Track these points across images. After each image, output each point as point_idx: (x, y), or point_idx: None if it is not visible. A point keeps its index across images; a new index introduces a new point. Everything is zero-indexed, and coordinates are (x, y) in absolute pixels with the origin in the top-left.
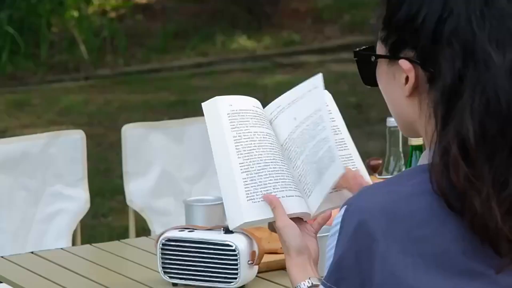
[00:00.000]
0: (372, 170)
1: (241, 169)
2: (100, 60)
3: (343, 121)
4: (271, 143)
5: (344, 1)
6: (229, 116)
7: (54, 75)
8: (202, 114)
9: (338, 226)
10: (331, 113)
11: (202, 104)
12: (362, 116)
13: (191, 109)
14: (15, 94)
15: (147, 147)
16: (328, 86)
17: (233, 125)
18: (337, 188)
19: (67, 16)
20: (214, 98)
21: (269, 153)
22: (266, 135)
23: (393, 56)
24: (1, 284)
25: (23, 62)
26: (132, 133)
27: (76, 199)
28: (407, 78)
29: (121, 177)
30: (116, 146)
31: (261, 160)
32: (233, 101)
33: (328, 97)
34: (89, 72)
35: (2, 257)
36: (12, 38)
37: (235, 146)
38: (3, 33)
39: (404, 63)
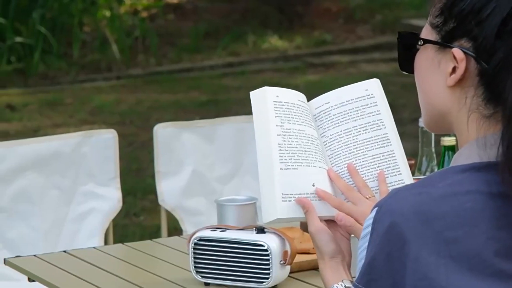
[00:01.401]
0: None
1: (280, 164)
2: (131, 60)
3: (390, 112)
4: (312, 143)
5: (376, 1)
6: (275, 106)
7: (86, 74)
8: (233, 114)
9: (370, 228)
10: (376, 105)
11: (251, 92)
12: (394, 116)
13: (222, 108)
14: (47, 94)
15: (178, 146)
16: None
17: (278, 113)
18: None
19: (99, 15)
20: (263, 87)
21: (308, 152)
22: (308, 134)
23: (445, 44)
24: (34, 282)
25: (55, 61)
26: (164, 133)
27: (108, 198)
28: (454, 69)
29: (152, 176)
30: (147, 146)
31: (300, 157)
32: (280, 93)
33: (376, 85)
34: (120, 71)
35: (34, 255)
36: (45, 38)
37: (277, 136)
38: (36, 32)
39: (457, 52)
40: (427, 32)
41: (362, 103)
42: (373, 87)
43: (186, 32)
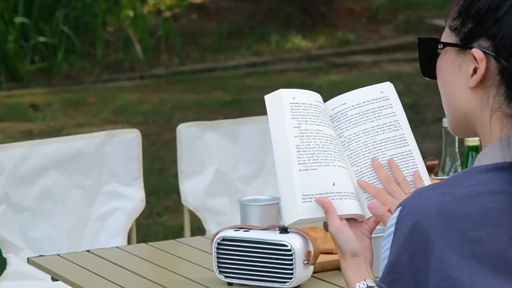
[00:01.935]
0: (428, 170)
1: (299, 165)
2: (155, 60)
3: (404, 114)
4: (330, 142)
5: (399, 1)
6: (291, 108)
7: (109, 74)
8: (256, 114)
9: (393, 228)
10: (392, 107)
11: (265, 96)
12: (418, 117)
13: (245, 108)
14: (70, 93)
15: (202, 146)
16: None
17: (294, 115)
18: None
19: (122, 15)
20: (277, 90)
21: (327, 152)
22: (327, 134)
23: (465, 45)
24: (57, 282)
25: (79, 61)
26: (187, 133)
27: (132, 198)
28: (475, 69)
29: (175, 176)
30: (170, 145)
31: (318, 157)
32: (296, 94)
33: (390, 88)
34: (144, 71)
35: (58, 255)
36: (68, 38)
37: (295, 138)
38: (59, 32)
39: (477, 52)
40: (446, 36)
41: (378, 105)
42: (388, 89)
43: (209, 32)
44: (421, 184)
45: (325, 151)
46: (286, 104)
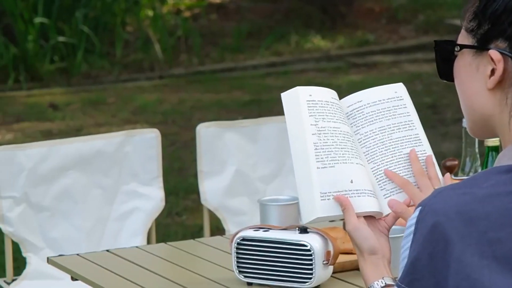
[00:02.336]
0: (447, 171)
1: (317, 163)
2: (174, 59)
3: (417, 115)
4: (347, 140)
5: (419, 1)
6: (308, 105)
7: (128, 74)
8: (276, 114)
9: (413, 228)
10: (406, 107)
11: (282, 94)
12: (437, 117)
13: (264, 108)
14: (90, 93)
15: (221, 146)
16: None
17: (312, 112)
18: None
19: (142, 15)
20: (294, 88)
21: (344, 149)
22: (344, 131)
23: (482, 47)
24: (77, 281)
25: (98, 61)
26: (207, 132)
27: (151, 198)
28: (492, 71)
29: (195, 176)
30: (190, 145)
31: (336, 155)
32: (313, 92)
33: (403, 89)
34: (163, 71)
35: (77, 254)
36: (87, 37)
37: (312, 135)
38: (79, 32)
39: (494, 53)
40: (462, 38)
41: (393, 104)
42: (401, 90)
43: (229, 32)
44: (433, 169)
45: (343, 148)
46: (303, 102)
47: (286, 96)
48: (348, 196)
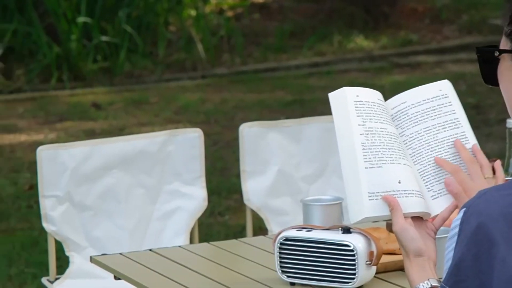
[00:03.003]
0: None
1: (364, 163)
2: (217, 59)
3: (463, 111)
4: (394, 141)
5: (462, 1)
6: (355, 106)
7: (171, 73)
8: (319, 114)
9: (457, 229)
10: (451, 104)
11: (329, 94)
12: (481, 117)
13: (307, 108)
14: (132, 93)
15: (264, 146)
16: None
17: (359, 113)
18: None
19: (185, 15)
20: (342, 88)
21: (392, 149)
22: (391, 132)
23: None
24: (120, 280)
25: (141, 60)
26: (250, 132)
27: (194, 197)
28: None
29: (237, 175)
30: (232, 145)
31: (384, 155)
32: (360, 92)
33: (448, 86)
34: (206, 70)
35: (120, 254)
36: (130, 37)
37: (360, 135)
38: (122, 31)
39: None
40: (503, 42)
41: (438, 103)
42: (446, 87)
43: (271, 31)
44: (483, 156)
45: (390, 149)
46: (351, 102)
47: (334, 97)
48: (396, 196)
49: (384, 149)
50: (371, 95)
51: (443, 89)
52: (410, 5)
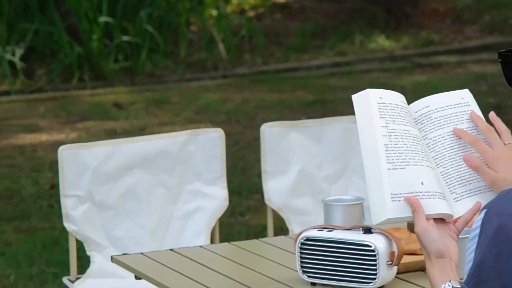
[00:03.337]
0: None
1: (387, 164)
2: (238, 59)
3: (484, 120)
4: (417, 143)
5: (484, 1)
6: (379, 107)
7: (192, 73)
8: (340, 114)
9: (478, 230)
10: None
11: (353, 96)
12: (502, 117)
13: (329, 108)
14: (154, 92)
15: (285, 146)
16: (467, 86)
17: (382, 114)
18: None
19: (206, 14)
20: (365, 90)
21: (415, 151)
22: (414, 134)
23: None
24: (141, 280)
25: (162, 60)
26: (271, 132)
27: (215, 197)
28: None
29: (258, 175)
30: (253, 145)
31: (407, 156)
32: (383, 94)
33: (469, 95)
34: (227, 70)
35: (141, 253)
36: (152, 37)
37: (383, 137)
38: (143, 31)
39: None
40: None
41: (460, 109)
42: (467, 96)
43: (293, 31)
44: (501, 123)
45: (413, 150)
46: (374, 104)
47: (357, 98)
48: (418, 198)
49: (407, 150)
50: (394, 97)
51: (465, 97)
52: (432, 5)
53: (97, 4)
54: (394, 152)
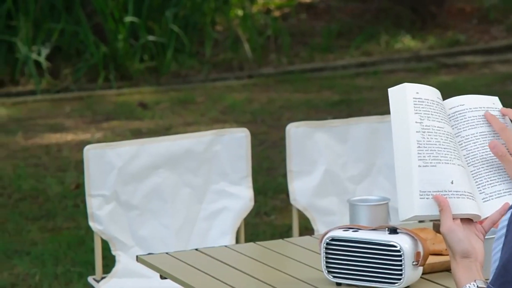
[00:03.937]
0: None
1: (418, 161)
2: (263, 59)
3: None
4: (450, 140)
5: (511, 1)
6: (414, 103)
7: (218, 73)
8: (366, 114)
9: (504, 230)
10: (504, 118)
11: (389, 89)
12: None
13: (354, 108)
14: (179, 92)
15: (311, 146)
16: (493, 86)
17: (417, 110)
18: None
19: (232, 14)
20: (402, 84)
21: (447, 149)
22: (447, 132)
23: None
24: (166, 280)
25: (188, 60)
26: (297, 132)
27: (240, 197)
28: None
29: (283, 175)
30: (279, 145)
31: (438, 154)
32: (420, 89)
33: (499, 103)
34: (252, 70)
35: (167, 253)
36: (177, 37)
37: (416, 133)
38: (168, 31)
39: None
40: None
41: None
42: (497, 102)
43: (318, 31)
44: None
45: (445, 148)
46: (410, 99)
47: (393, 92)
48: (447, 197)
49: (439, 148)
50: (431, 93)
51: (496, 103)
52: (458, 5)
53: (123, 4)
54: (426, 149)
